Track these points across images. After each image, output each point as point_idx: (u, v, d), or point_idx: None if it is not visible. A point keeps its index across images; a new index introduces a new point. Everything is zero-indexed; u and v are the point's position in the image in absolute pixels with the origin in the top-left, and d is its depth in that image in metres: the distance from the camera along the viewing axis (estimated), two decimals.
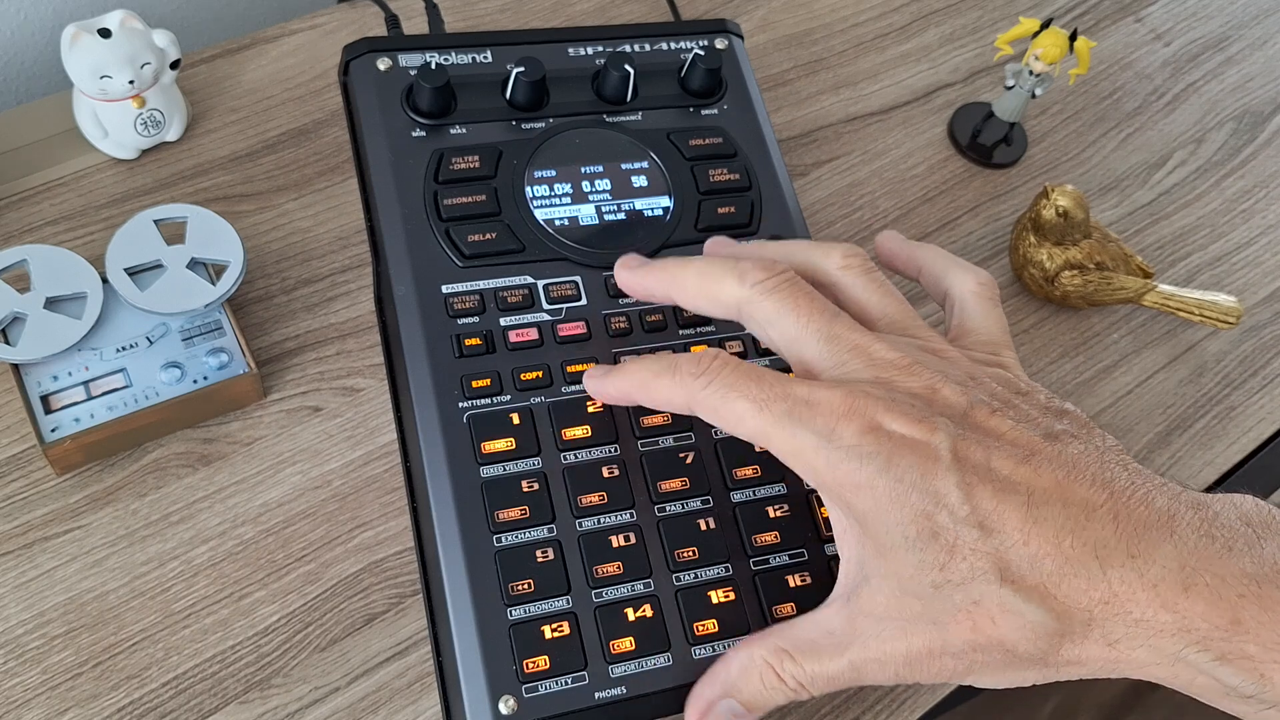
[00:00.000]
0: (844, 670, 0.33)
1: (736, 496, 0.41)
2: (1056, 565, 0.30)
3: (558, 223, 0.44)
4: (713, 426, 0.42)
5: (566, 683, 0.37)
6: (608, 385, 0.38)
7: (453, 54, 0.47)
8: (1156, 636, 0.30)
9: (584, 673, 0.37)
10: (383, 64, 0.46)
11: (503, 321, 0.42)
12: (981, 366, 0.36)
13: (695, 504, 0.40)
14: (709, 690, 0.36)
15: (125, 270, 0.46)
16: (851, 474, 0.32)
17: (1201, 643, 0.30)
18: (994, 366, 0.36)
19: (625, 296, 0.43)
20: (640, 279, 0.39)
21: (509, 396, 0.41)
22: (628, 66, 0.46)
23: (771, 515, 0.40)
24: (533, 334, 0.42)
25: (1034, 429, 0.33)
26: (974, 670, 0.32)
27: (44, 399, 0.44)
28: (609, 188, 0.45)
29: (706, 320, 0.44)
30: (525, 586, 0.37)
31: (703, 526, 0.40)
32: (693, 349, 0.43)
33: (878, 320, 0.37)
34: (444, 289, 0.42)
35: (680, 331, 0.43)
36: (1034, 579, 0.30)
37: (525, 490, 0.39)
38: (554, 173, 0.45)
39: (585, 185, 0.45)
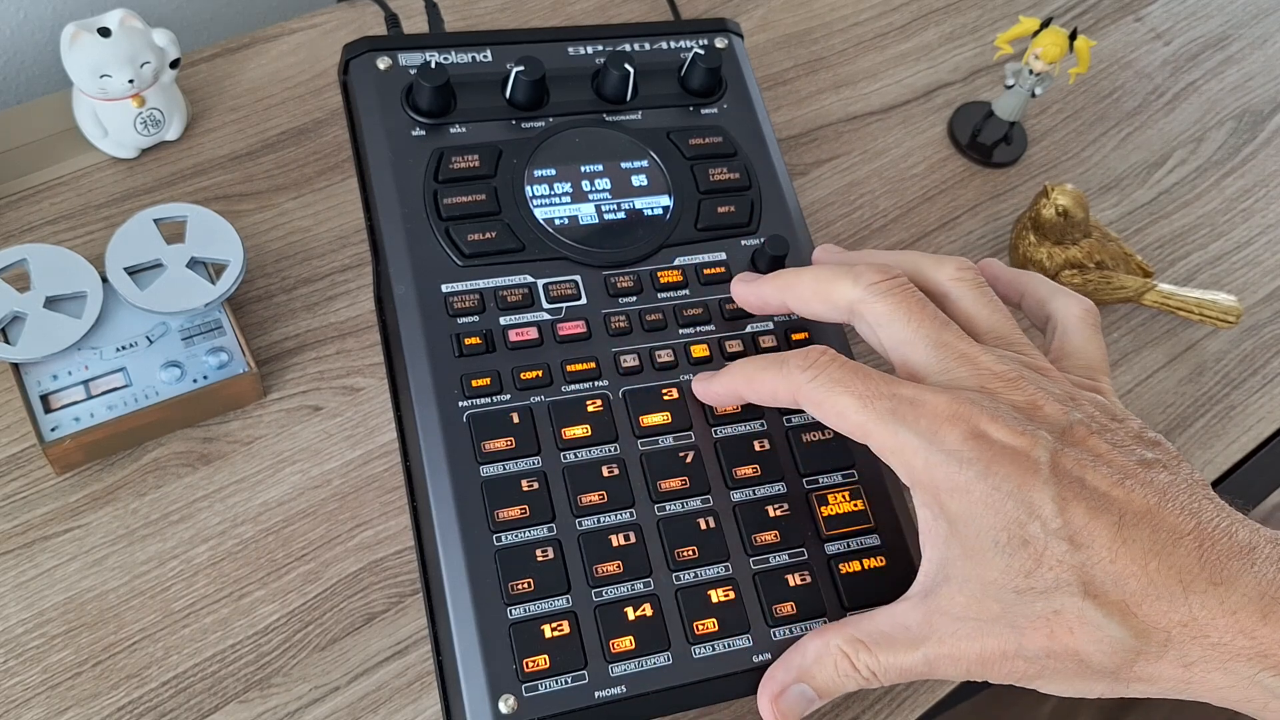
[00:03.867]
0: (917, 663, 0.34)
1: (736, 496, 0.41)
2: (1140, 585, 0.31)
3: (558, 222, 0.44)
4: (713, 426, 0.42)
5: (566, 682, 0.37)
6: (714, 385, 0.40)
7: (452, 53, 0.47)
8: (1233, 660, 0.31)
9: (584, 672, 0.37)
10: (382, 63, 0.46)
11: (502, 321, 0.42)
12: (1081, 390, 0.36)
13: (695, 503, 0.40)
14: (783, 675, 0.37)
15: (125, 269, 0.46)
16: (949, 477, 0.33)
17: (1278, 668, 0.30)
18: (1092, 391, 0.37)
19: (625, 296, 0.43)
20: (756, 289, 0.41)
21: (509, 396, 0.41)
22: (628, 66, 0.46)
23: (771, 514, 0.40)
24: (532, 333, 0.42)
25: (1129, 454, 0.34)
26: (1044, 676, 0.33)
27: (44, 398, 0.44)
28: (609, 187, 0.45)
29: (707, 319, 0.44)
30: (525, 586, 0.37)
31: (702, 526, 0.40)
32: (693, 349, 0.43)
33: (985, 334, 0.37)
34: (444, 288, 0.42)
35: (680, 331, 0.43)
36: (1117, 596, 0.31)
37: (525, 489, 0.39)
38: (554, 172, 0.45)
39: (585, 184, 0.45)
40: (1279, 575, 0.31)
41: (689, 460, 0.41)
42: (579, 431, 0.40)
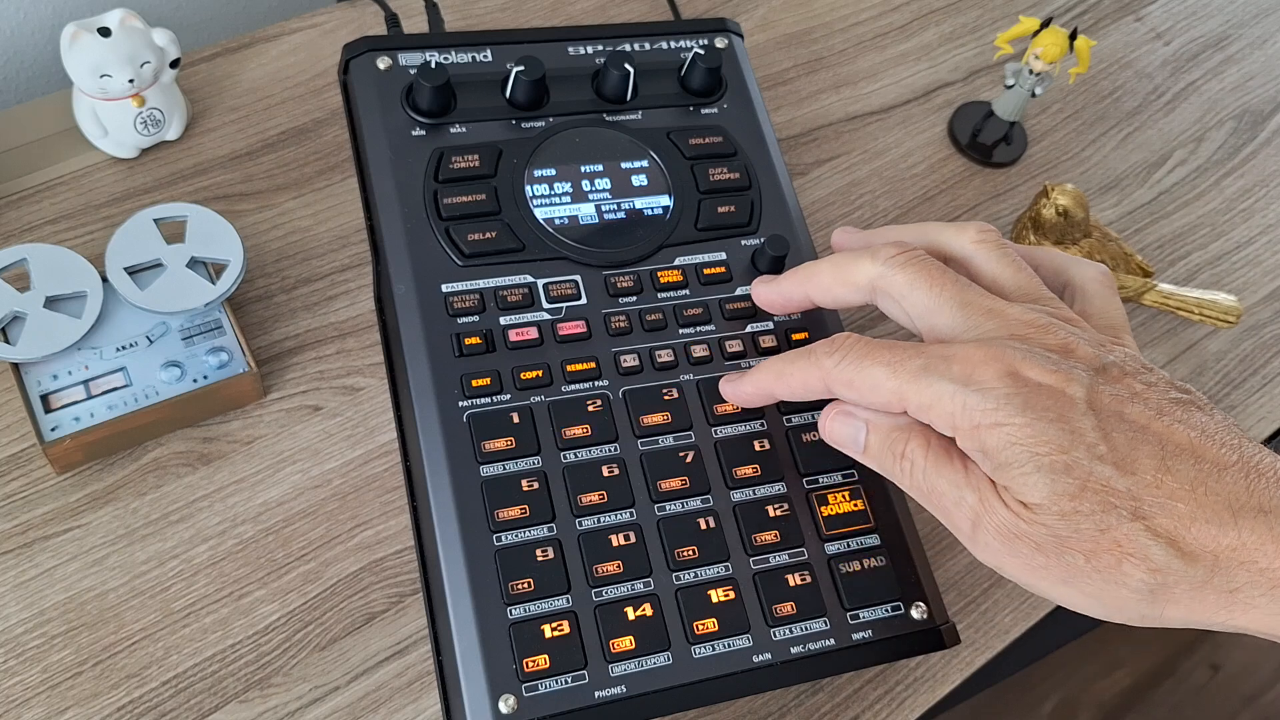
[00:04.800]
0: (947, 495, 0.34)
1: (736, 496, 0.41)
2: (1190, 509, 0.31)
3: (558, 221, 0.44)
4: (713, 426, 0.42)
5: (566, 682, 0.37)
6: (744, 385, 0.40)
7: (452, 53, 0.47)
8: (1278, 588, 0.31)
9: (584, 672, 0.37)
10: (383, 63, 0.46)
11: (502, 320, 0.42)
12: (1108, 343, 0.36)
13: (695, 503, 0.40)
14: (862, 410, 0.37)
15: (125, 269, 0.46)
16: (988, 414, 0.33)
17: None
18: (1118, 346, 0.37)
19: (625, 295, 0.43)
20: (776, 286, 0.41)
21: (509, 395, 0.41)
22: (628, 65, 0.46)
23: (771, 514, 0.40)
24: (532, 333, 0.42)
25: (1162, 394, 0.34)
26: (1072, 582, 0.33)
27: (44, 398, 0.44)
28: (609, 187, 0.45)
29: (707, 319, 0.44)
30: (525, 585, 0.37)
31: (702, 526, 0.40)
32: (693, 349, 0.43)
33: (1011, 293, 0.38)
34: (444, 288, 0.42)
35: (680, 331, 0.43)
36: (1165, 519, 0.31)
37: (525, 489, 0.39)
38: (554, 172, 0.45)
39: (585, 184, 0.45)
40: None
41: (689, 460, 0.41)
42: (579, 431, 0.40)
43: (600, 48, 0.48)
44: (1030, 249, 0.42)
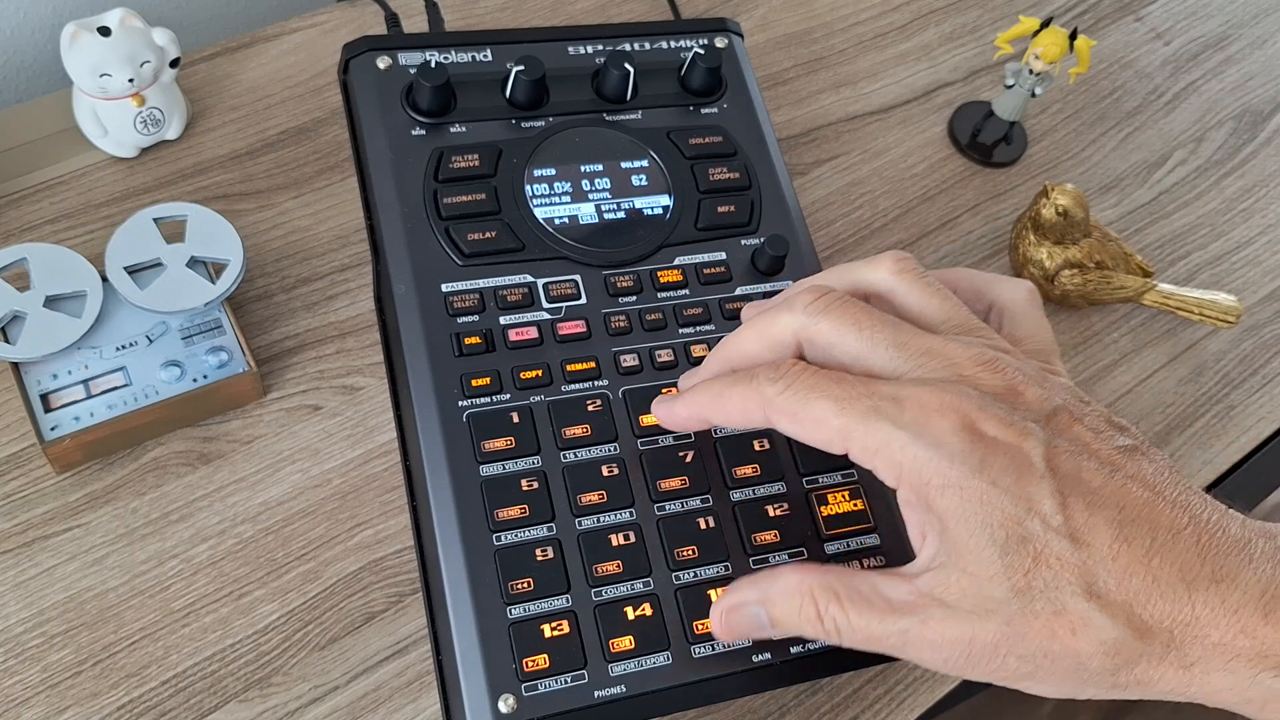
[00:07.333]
0: (890, 635, 0.32)
1: (736, 495, 0.41)
2: (1145, 584, 0.30)
3: (558, 221, 0.44)
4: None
5: (566, 681, 0.37)
6: (678, 407, 0.37)
7: (452, 52, 0.47)
8: (1234, 660, 0.30)
9: (583, 671, 0.37)
10: (382, 62, 0.46)
11: (502, 320, 0.42)
12: (1046, 374, 0.35)
13: (695, 503, 0.40)
14: (748, 592, 0.35)
15: (125, 269, 0.46)
16: (940, 472, 0.31)
17: (1279, 668, 0.30)
18: (1052, 375, 0.35)
19: (625, 295, 0.43)
20: (696, 374, 0.38)
21: (509, 395, 0.41)
22: (627, 65, 0.46)
23: (771, 514, 0.40)
24: (532, 333, 0.42)
25: (1109, 442, 0.33)
26: (1036, 676, 0.32)
27: (43, 397, 0.44)
28: (609, 186, 0.45)
29: (707, 319, 0.44)
30: (525, 585, 0.37)
31: (702, 525, 0.40)
32: (693, 349, 0.43)
33: (940, 324, 0.35)
34: (444, 288, 0.42)
35: (680, 330, 0.43)
36: (1120, 596, 0.31)
37: (525, 489, 0.39)
38: (554, 171, 0.45)
39: (585, 184, 0.45)
40: (1275, 571, 0.31)
41: (689, 460, 0.41)
42: (579, 431, 0.40)
43: (600, 47, 0.48)
44: (946, 271, 0.40)
